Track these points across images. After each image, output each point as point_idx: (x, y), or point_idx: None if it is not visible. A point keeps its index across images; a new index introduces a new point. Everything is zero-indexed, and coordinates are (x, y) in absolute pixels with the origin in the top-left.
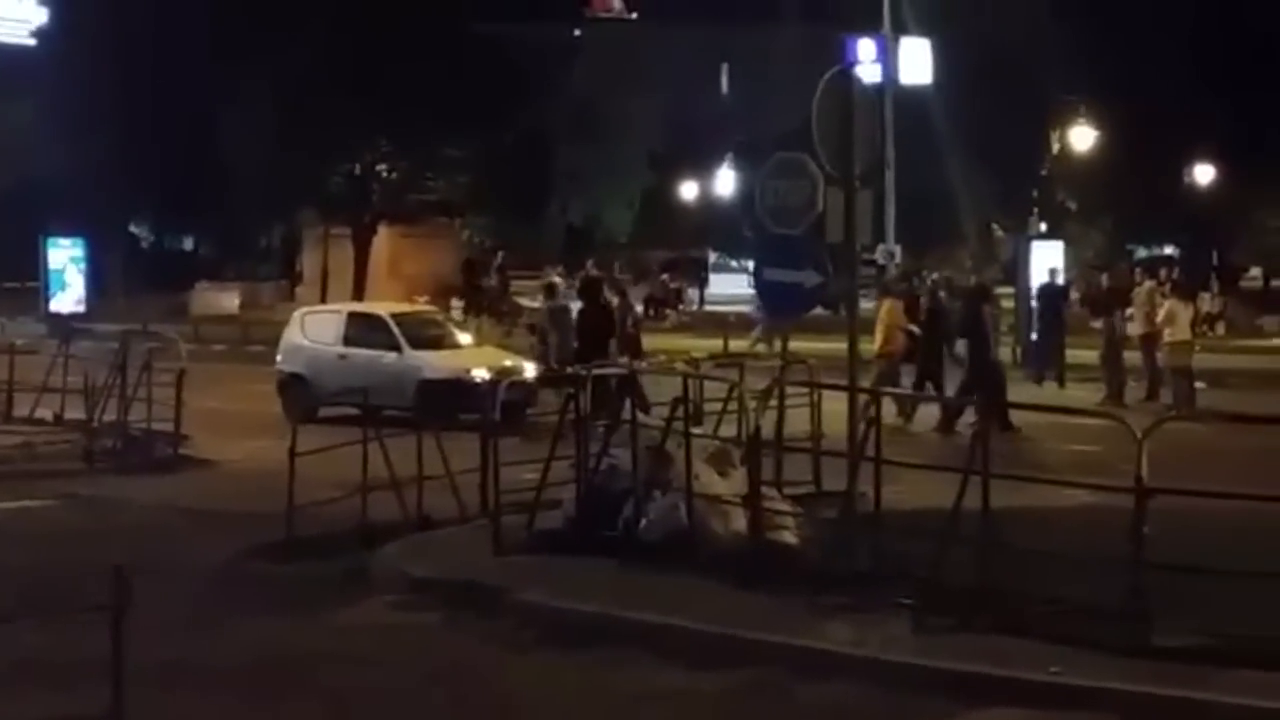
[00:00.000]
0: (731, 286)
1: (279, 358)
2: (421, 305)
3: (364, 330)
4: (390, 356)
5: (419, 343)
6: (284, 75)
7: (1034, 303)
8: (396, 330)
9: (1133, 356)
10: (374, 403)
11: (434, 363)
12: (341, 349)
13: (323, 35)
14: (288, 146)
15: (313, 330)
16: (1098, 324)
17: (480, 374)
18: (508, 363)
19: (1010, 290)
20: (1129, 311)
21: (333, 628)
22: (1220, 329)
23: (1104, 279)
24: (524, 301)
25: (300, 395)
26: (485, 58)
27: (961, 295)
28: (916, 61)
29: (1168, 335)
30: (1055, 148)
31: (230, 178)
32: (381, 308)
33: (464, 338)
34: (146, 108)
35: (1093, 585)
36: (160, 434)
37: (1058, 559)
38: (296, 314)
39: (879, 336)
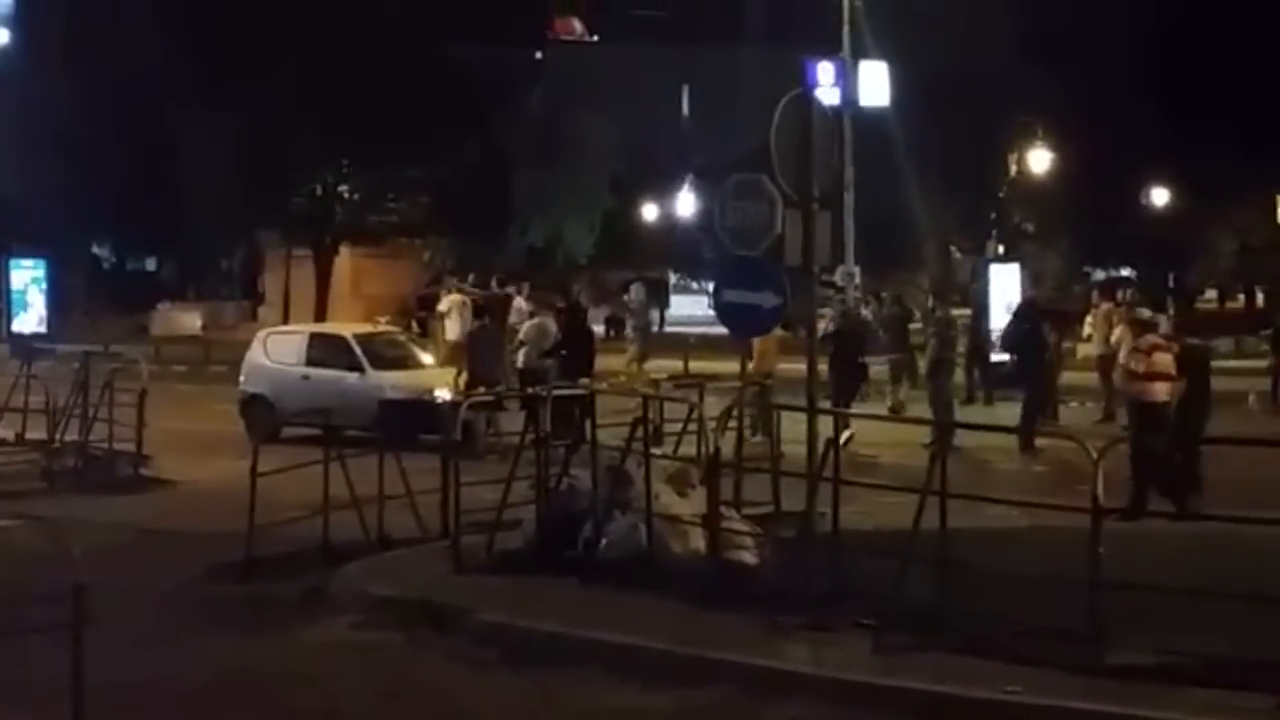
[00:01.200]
0: (692, 308)
1: (242, 378)
2: (383, 326)
3: (326, 351)
4: (352, 377)
5: (381, 363)
6: (246, 97)
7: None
8: (358, 350)
9: (1090, 378)
10: (336, 423)
11: (395, 383)
12: (304, 369)
13: (285, 57)
14: (249, 167)
15: (275, 351)
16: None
17: (440, 394)
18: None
19: (968, 312)
20: (1087, 333)
21: (294, 647)
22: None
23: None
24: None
25: (263, 415)
26: (447, 80)
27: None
28: (875, 84)
29: (1121, 359)
30: (1013, 170)
31: (192, 198)
32: (344, 328)
33: (427, 358)
34: (109, 128)
35: (1050, 605)
36: (122, 454)
37: (1015, 579)
38: (260, 335)
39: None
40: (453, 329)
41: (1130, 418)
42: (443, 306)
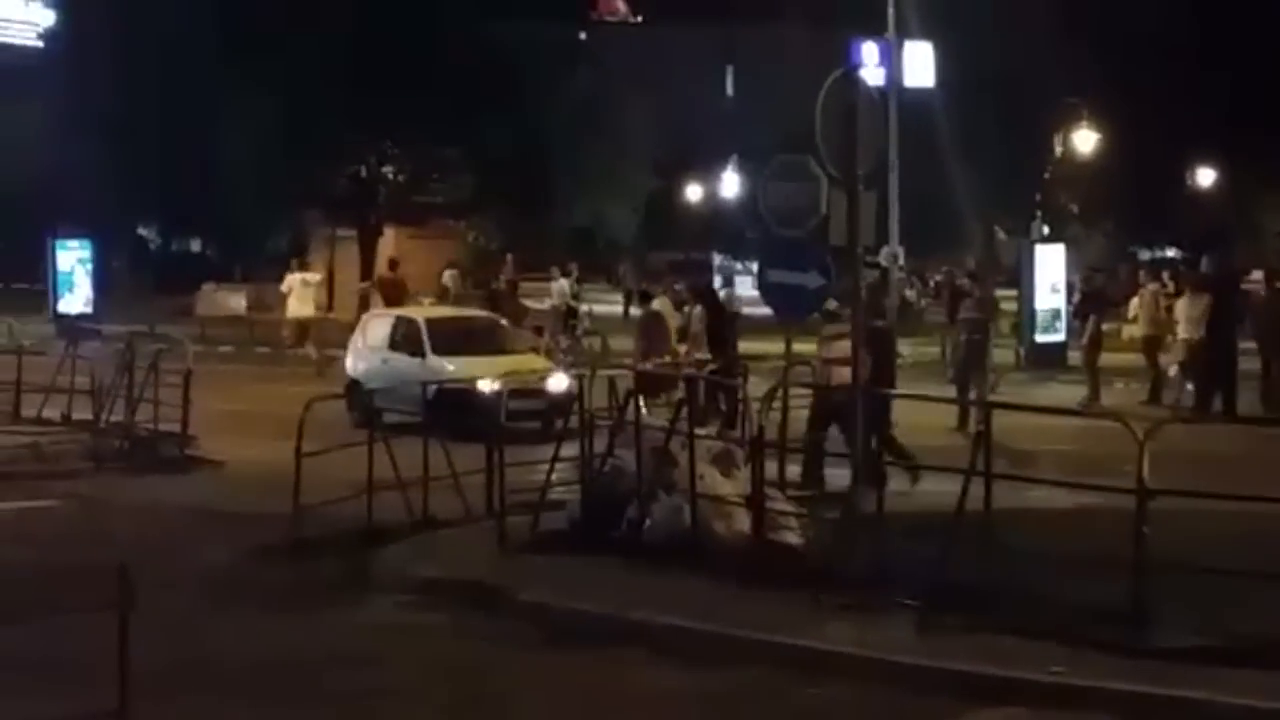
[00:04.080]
0: (737, 288)
1: (347, 362)
2: (470, 309)
3: (404, 335)
4: (416, 362)
5: (451, 348)
6: (290, 77)
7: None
8: (425, 335)
9: (1134, 359)
10: (402, 409)
11: (452, 370)
12: (386, 353)
13: (329, 38)
14: (294, 148)
15: (370, 334)
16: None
17: (487, 386)
18: (538, 370)
19: (1014, 294)
20: (1132, 314)
21: (339, 628)
22: None
23: (1100, 280)
24: (530, 304)
25: (357, 401)
26: (490, 60)
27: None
28: (920, 65)
29: (1181, 333)
30: (1058, 151)
31: (236, 179)
32: (420, 312)
33: (521, 345)
34: (153, 109)
35: (1095, 586)
36: (167, 434)
37: (1060, 560)
38: (364, 318)
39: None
40: (295, 306)
41: None
42: (284, 286)
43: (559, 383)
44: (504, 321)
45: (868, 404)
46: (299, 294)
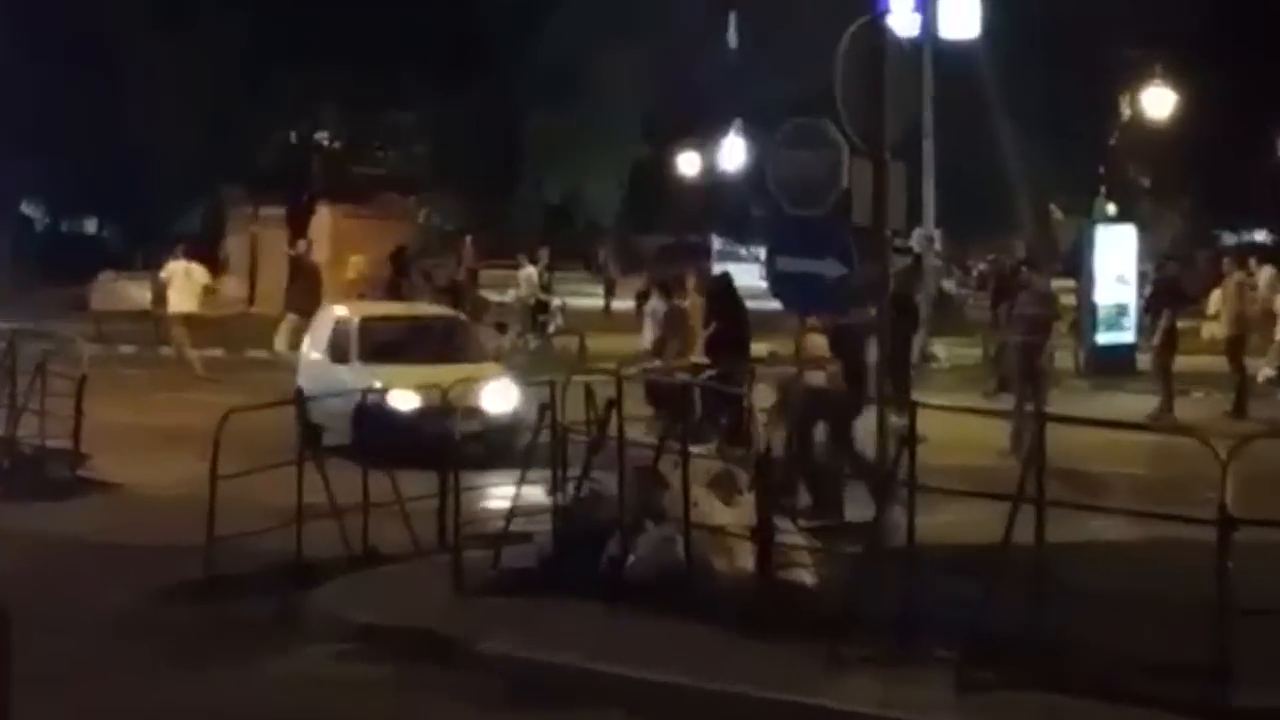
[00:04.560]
0: (741, 278)
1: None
2: (425, 307)
3: (336, 336)
4: (344, 370)
5: (385, 354)
6: (205, 28)
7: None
8: (354, 337)
9: (1216, 362)
10: (332, 426)
11: (377, 381)
12: (321, 358)
13: None
14: (209, 111)
15: (315, 335)
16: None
17: (403, 401)
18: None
19: (1072, 285)
20: (1213, 309)
21: (262, 683)
22: None
23: (1175, 269)
24: (492, 296)
25: (301, 413)
26: (448, 6)
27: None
28: (962, 11)
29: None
30: (1126, 114)
31: (141, 149)
32: (361, 309)
33: (483, 350)
34: (48, 71)
35: (1165, 634)
36: (55, 452)
37: (1124, 602)
38: (319, 313)
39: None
40: (176, 300)
41: None
42: (163, 273)
43: (500, 397)
44: (468, 320)
45: (842, 410)
46: (180, 285)
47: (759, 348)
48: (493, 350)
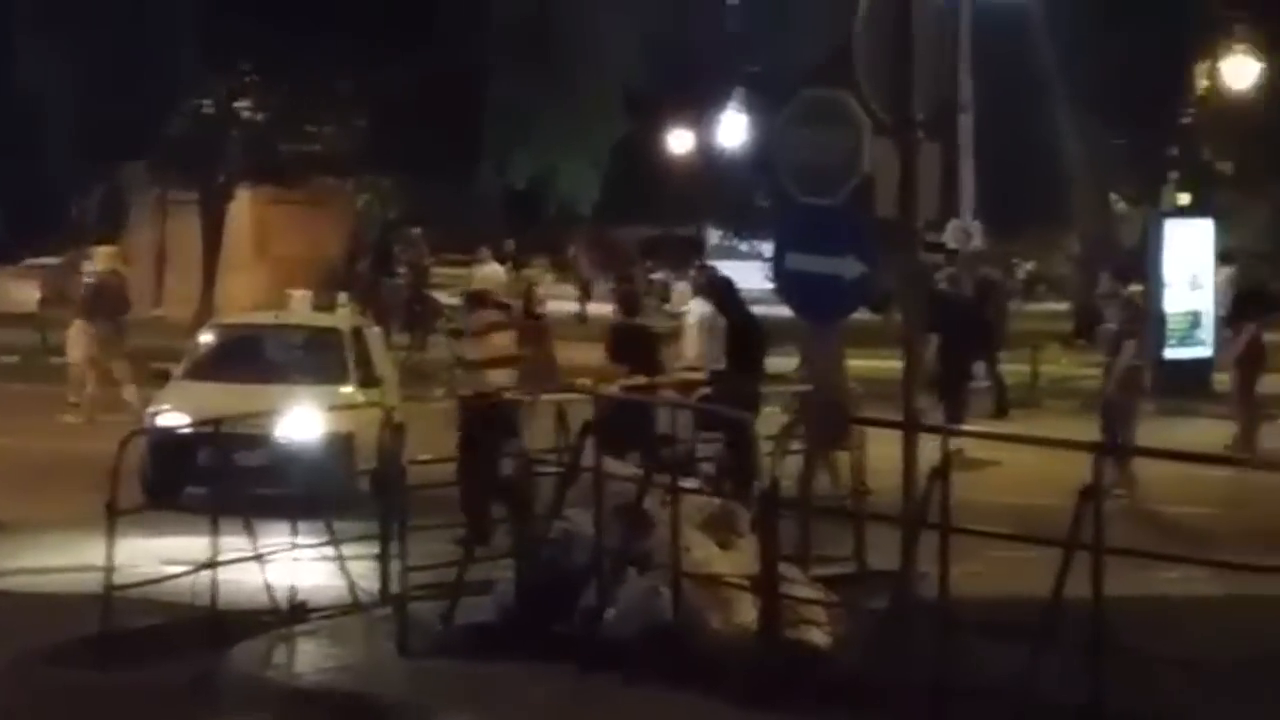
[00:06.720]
0: (741, 277)
1: None
2: (308, 314)
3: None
4: (170, 388)
5: (220, 373)
6: None
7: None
8: (193, 353)
9: None
10: None
11: (190, 400)
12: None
13: None
14: (106, 75)
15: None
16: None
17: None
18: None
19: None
20: None
21: None
22: None
23: (1263, 272)
24: (445, 299)
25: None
26: None
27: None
28: None
29: None
30: (1202, 87)
31: (28, 122)
32: (231, 319)
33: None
34: None
35: (1247, 706)
36: None
37: (1199, 668)
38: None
39: None
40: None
41: None
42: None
43: (300, 426)
44: (374, 330)
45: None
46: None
47: (778, 363)
48: (392, 372)
